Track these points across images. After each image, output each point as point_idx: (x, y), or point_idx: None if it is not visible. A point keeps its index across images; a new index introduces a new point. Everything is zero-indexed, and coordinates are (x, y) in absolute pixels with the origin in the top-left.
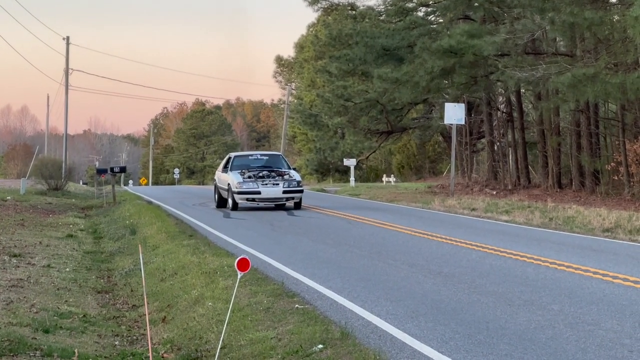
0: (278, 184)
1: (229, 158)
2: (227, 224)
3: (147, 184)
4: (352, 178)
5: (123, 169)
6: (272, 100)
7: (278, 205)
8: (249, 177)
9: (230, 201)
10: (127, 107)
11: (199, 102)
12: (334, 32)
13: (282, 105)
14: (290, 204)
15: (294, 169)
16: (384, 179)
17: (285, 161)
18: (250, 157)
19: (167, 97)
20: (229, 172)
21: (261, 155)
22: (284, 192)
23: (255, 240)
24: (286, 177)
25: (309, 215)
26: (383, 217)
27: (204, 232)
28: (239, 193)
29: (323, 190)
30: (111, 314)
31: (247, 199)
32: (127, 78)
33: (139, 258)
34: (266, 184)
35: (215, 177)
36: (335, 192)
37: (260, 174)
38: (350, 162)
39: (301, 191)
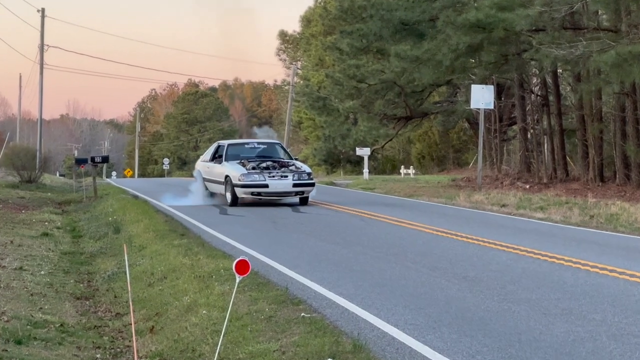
0: (287, 176)
1: (221, 147)
2: (223, 221)
3: (132, 176)
4: (365, 170)
5: (105, 159)
6: (275, 81)
7: (280, 200)
8: (253, 168)
9: (228, 196)
10: (110, 89)
11: (191, 83)
12: (345, 3)
13: (286, 87)
14: (295, 199)
15: (296, 159)
16: (402, 170)
17: (286, 150)
18: (245, 146)
19: (156, 78)
20: (224, 162)
21: (258, 143)
22: (294, 185)
23: (256, 240)
24: (292, 167)
25: (317, 211)
26: (401, 214)
27: (198, 230)
28: (243, 186)
29: (332, 184)
30: (92, 323)
31: (252, 193)
32: (110, 56)
33: (124, 260)
34: (273, 176)
35: (199, 169)
36: (346, 185)
37: (264, 165)
38: (364, 152)
39: (313, 184)
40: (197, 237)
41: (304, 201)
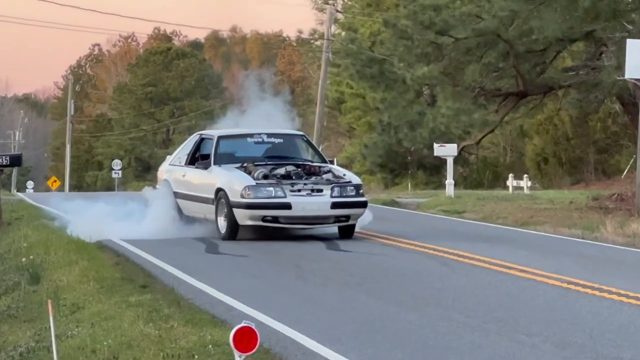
0: (321, 191)
1: (206, 141)
2: (213, 264)
3: (60, 188)
4: (449, 180)
5: (16, 160)
6: (299, 32)
7: (307, 230)
8: (264, 176)
9: (221, 223)
10: (26, 46)
11: (160, 36)
12: None
13: (318, 43)
14: (332, 228)
15: (331, 161)
16: (511, 182)
17: (314, 147)
18: (248, 140)
19: (101, 26)
20: (214, 167)
21: (269, 136)
22: (334, 205)
23: (268, 296)
24: (328, 175)
25: (368, 249)
26: (508, 254)
27: (170, 279)
28: (249, 207)
29: (394, 203)
30: None
31: (264, 219)
32: None
33: (48, 327)
34: (299, 191)
35: (168, 178)
36: (417, 206)
37: (283, 171)
38: (447, 151)
39: (364, 204)
40: (168, 290)
41: (347, 232)
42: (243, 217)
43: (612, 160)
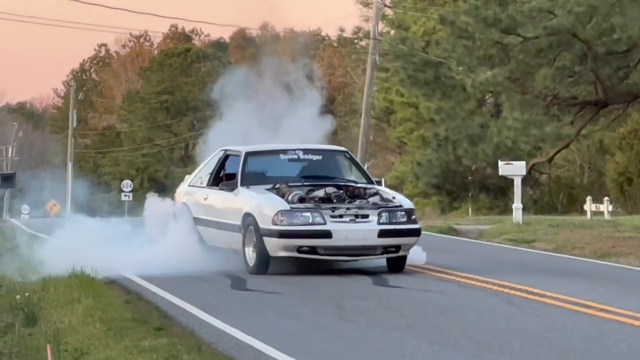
0: (367, 216)
1: (232, 158)
2: (240, 303)
3: (60, 213)
4: (517, 204)
5: (9, 180)
6: (341, 31)
7: (351, 263)
8: (300, 199)
9: (249, 254)
10: (20, 47)
11: (177, 35)
12: None
13: (363, 43)
14: (379, 260)
15: (378, 181)
16: (589, 206)
17: (358, 166)
18: (280, 156)
19: (109, 23)
20: (240, 188)
21: (305, 152)
22: (382, 233)
23: (303, 339)
24: (374, 198)
25: (422, 285)
26: (585, 290)
27: (189, 320)
28: (282, 235)
29: (452, 231)
30: None
31: (300, 250)
32: None
33: None
34: (340, 216)
35: (187, 201)
36: (478, 234)
37: (321, 194)
38: (514, 170)
39: (417, 232)
40: (187, 333)
41: (397, 265)
42: (275, 247)
43: None
